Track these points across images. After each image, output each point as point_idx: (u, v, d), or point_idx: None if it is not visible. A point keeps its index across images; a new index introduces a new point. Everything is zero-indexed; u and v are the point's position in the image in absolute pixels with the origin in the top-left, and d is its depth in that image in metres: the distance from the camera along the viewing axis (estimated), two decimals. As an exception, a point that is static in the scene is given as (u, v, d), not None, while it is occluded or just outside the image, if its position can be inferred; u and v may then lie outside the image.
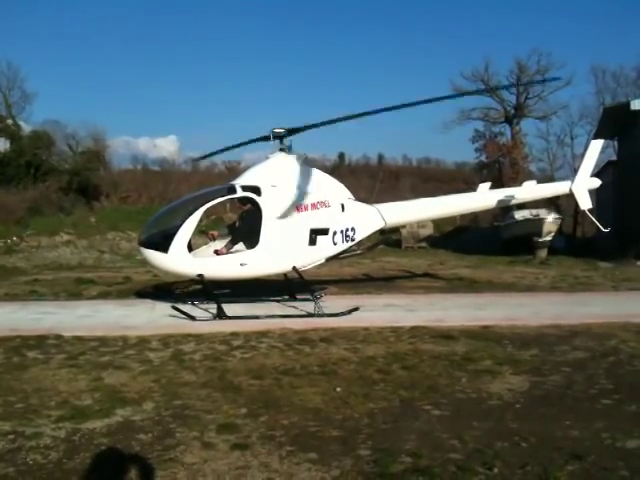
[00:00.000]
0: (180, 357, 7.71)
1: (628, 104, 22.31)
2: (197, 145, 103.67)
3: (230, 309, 10.47)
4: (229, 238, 11.05)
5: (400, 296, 13.33)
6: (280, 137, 11.53)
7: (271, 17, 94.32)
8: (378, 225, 12.54)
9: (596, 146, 14.26)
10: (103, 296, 13.40)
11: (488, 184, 14.38)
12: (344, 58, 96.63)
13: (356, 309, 10.88)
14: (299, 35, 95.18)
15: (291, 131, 11.51)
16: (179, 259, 10.47)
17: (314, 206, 11.15)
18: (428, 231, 29.86)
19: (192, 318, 10.21)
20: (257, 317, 10.24)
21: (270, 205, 10.77)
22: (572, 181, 13.90)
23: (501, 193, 14.09)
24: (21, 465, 4.53)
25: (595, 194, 16.87)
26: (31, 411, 5.68)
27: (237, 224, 11.50)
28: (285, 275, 12.02)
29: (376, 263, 21.10)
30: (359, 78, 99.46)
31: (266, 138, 11.52)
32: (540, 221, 23.23)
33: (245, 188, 10.97)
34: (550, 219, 23.39)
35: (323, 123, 11.26)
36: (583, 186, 13.72)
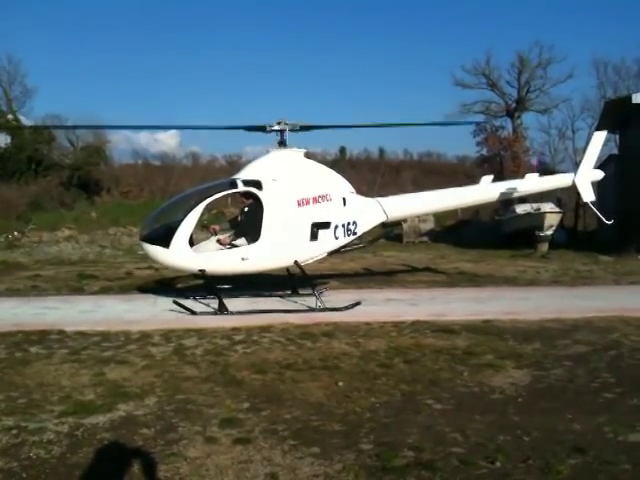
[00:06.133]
0: (182, 352, 7.73)
1: (630, 97, 22.15)
2: (197, 140, 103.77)
3: (232, 304, 10.47)
4: (231, 232, 11.05)
5: (401, 290, 13.33)
6: (281, 131, 11.50)
7: (273, 9, 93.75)
8: (380, 219, 12.49)
9: (599, 138, 13.98)
10: (105, 291, 13.40)
11: (490, 177, 14.17)
12: (344, 49, 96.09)
13: (358, 303, 10.88)
14: (300, 26, 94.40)
15: (294, 127, 11.48)
16: (181, 254, 10.45)
17: (315, 200, 11.11)
18: (429, 225, 29.76)
19: (193, 313, 10.23)
20: (259, 312, 10.26)
21: (271, 199, 10.74)
22: (575, 173, 13.74)
23: (503, 186, 13.93)
24: (24, 460, 4.54)
25: (596, 188, 16.77)
26: (34, 406, 5.69)
27: (239, 219, 11.49)
28: (287, 270, 12.02)
29: (377, 257, 21.06)
30: (359, 68, 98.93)
31: (266, 129, 11.47)
32: (541, 215, 23.18)
33: (246, 182, 10.94)
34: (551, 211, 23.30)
35: (326, 126, 11.70)
36: (586, 178, 13.54)
